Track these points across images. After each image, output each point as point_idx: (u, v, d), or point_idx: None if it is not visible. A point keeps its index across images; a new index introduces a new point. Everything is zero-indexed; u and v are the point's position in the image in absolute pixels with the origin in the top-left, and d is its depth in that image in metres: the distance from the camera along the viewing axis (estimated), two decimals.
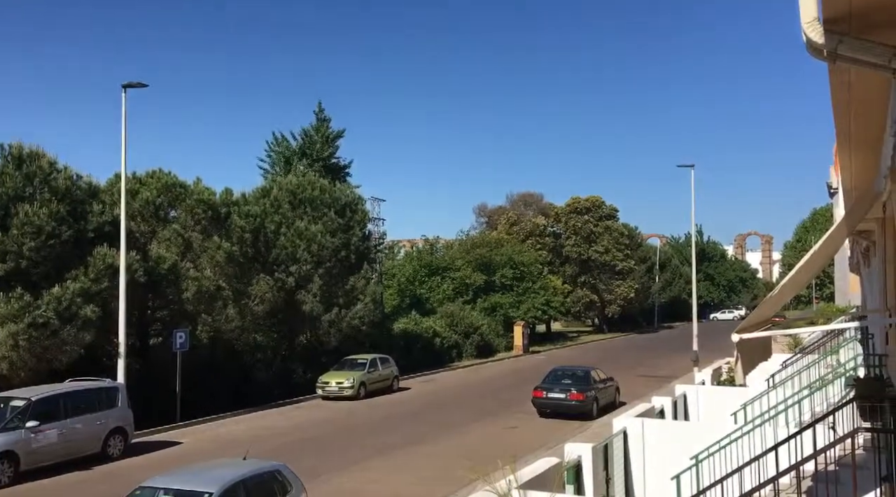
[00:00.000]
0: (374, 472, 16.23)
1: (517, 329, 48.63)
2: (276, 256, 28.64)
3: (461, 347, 43.33)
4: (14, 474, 15.30)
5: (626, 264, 65.84)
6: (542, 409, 23.32)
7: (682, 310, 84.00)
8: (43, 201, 19.20)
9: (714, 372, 21.93)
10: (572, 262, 65.25)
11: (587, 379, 23.72)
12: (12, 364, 17.95)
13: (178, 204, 25.83)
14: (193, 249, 25.08)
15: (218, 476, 9.87)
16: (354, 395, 27.32)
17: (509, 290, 51.72)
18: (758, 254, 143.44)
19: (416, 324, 41.11)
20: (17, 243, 18.36)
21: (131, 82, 20.91)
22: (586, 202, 67.06)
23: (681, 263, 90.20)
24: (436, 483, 15.07)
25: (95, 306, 19.52)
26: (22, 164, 19.66)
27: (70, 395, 17.18)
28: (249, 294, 26.67)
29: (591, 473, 10.59)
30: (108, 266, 20.11)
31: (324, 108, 43.79)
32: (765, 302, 10.21)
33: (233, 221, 27.09)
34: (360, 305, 31.09)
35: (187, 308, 24.02)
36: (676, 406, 16.14)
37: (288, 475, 10.85)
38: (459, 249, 55.28)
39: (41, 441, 15.92)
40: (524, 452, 16.86)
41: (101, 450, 17.41)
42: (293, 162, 41.85)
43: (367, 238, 34.46)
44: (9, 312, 17.84)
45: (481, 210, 74.69)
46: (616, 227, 67.44)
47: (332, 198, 31.49)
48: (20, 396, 16.31)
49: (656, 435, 12.22)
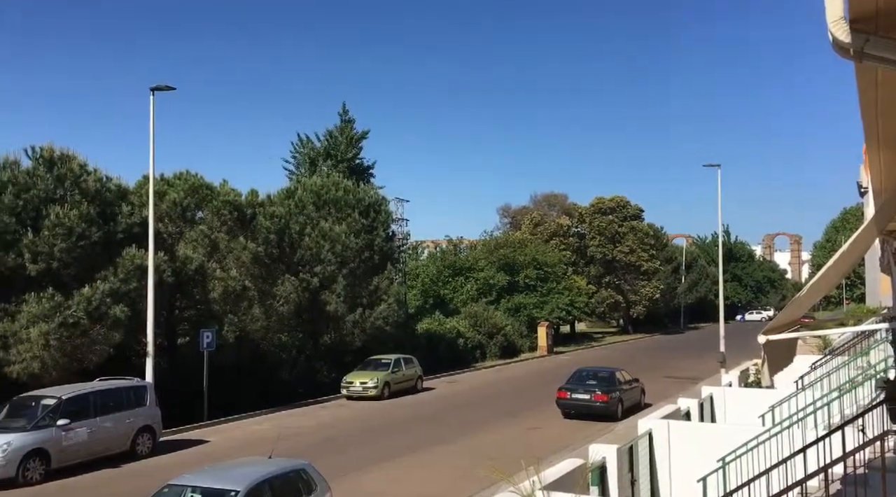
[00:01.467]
0: (397, 471, 16.28)
1: (541, 330, 48.45)
2: (301, 257, 28.84)
3: (485, 348, 43.28)
4: (45, 472, 15.56)
5: (651, 265, 65.31)
6: (567, 410, 23.21)
7: (709, 311, 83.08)
8: (73, 203, 19.51)
9: (741, 373, 21.68)
10: (597, 262, 64.86)
11: (612, 380, 23.57)
12: (44, 363, 18.26)
13: (204, 205, 26.11)
14: (220, 250, 25.34)
15: (244, 474, 9.97)
16: (378, 395, 27.42)
17: (533, 291, 51.55)
18: (786, 254, 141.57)
19: (439, 324, 41.14)
20: (49, 244, 18.68)
21: (159, 85, 21.17)
22: (611, 202, 66.61)
23: (707, 264, 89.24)
24: (459, 483, 15.08)
25: (124, 306, 19.80)
26: (53, 167, 20.00)
27: (100, 393, 17.43)
28: (274, 294, 26.88)
29: (615, 475, 10.52)
30: (137, 266, 20.40)
31: (348, 110, 44.08)
32: (793, 302, 10.07)
33: (258, 222, 27.33)
34: (384, 306, 31.19)
35: (214, 308, 24.28)
36: (703, 408, 15.98)
37: (313, 474, 10.93)
38: (483, 250, 55.22)
39: (71, 439, 16.19)
40: (548, 453, 16.81)
41: (129, 448, 17.65)
42: (318, 163, 42.12)
43: (391, 239, 34.59)
44: (40, 312, 18.16)
45: (505, 210, 74.62)
46: (641, 227, 66.91)
47: (355, 199, 31.63)
48: (51, 395, 16.58)
49: (682, 437, 12.11)
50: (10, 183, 18.97)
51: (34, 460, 15.41)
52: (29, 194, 19.01)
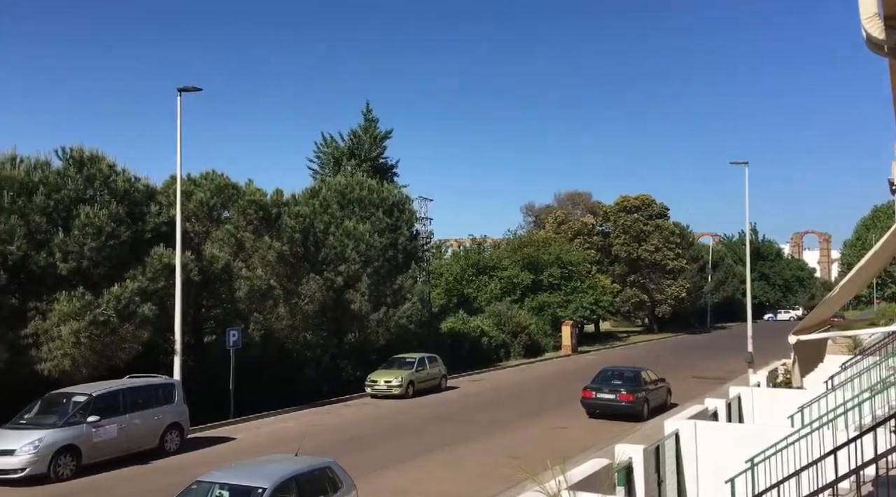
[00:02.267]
0: (421, 470, 16.31)
1: (565, 329, 48.26)
2: (325, 256, 29.01)
3: (509, 347, 43.21)
4: (76, 467, 15.80)
5: (676, 263, 64.75)
6: (591, 410, 23.09)
7: (736, 310, 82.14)
8: (103, 203, 19.78)
9: (770, 373, 21.40)
10: (621, 261, 64.45)
11: (637, 379, 23.40)
12: (74, 361, 18.55)
13: (230, 205, 26.35)
14: (245, 249, 25.57)
15: (271, 471, 10.06)
16: (403, 393, 27.50)
17: (557, 290, 51.35)
18: (815, 252, 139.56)
19: (463, 323, 41.15)
20: (79, 244, 18.96)
21: (186, 86, 21.42)
22: (636, 200, 66.15)
23: (734, 262, 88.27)
24: (484, 482, 15.08)
25: (153, 305, 20.05)
26: (83, 167, 20.29)
27: (129, 391, 17.67)
28: (299, 293, 27.06)
29: (642, 475, 10.45)
30: (165, 266, 20.64)
31: (371, 109, 44.18)
32: (823, 302, 9.93)
33: (283, 221, 27.53)
34: (408, 304, 31.27)
35: (240, 307, 24.50)
36: (730, 408, 15.80)
37: (338, 471, 10.99)
38: (507, 249, 55.13)
39: (102, 435, 16.42)
40: (573, 453, 16.73)
41: (158, 445, 17.87)
42: (342, 162, 42.29)
43: (415, 237, 34.65)
44: (71, 310, 18.44)
45: (529, 209, 74.39)
46: (666, 225, 66.36)
47: (379, 197, 31.74)
48: (82, 392, 16.84)
49: (710, 437, 11.98)
50: (41, 183, 19.28)
51: (65, 456, 15.64)
52: (60, 194, 19.31)
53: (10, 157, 19.71)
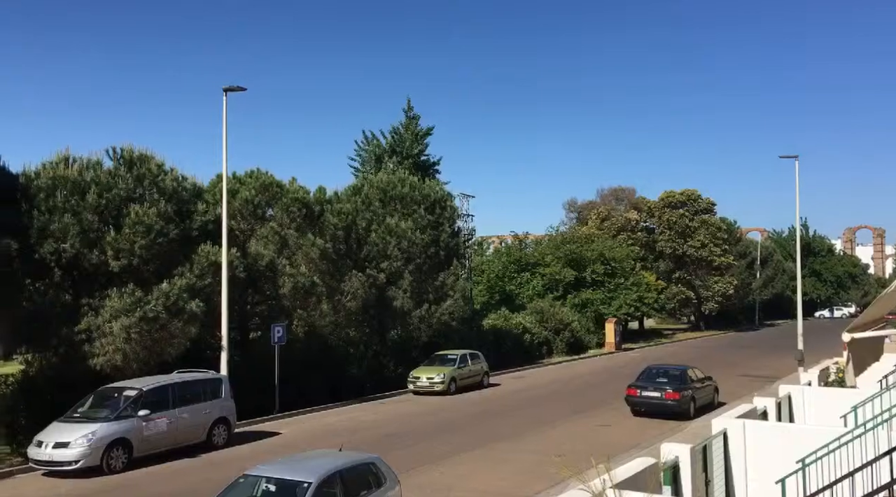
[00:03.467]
0: (464, 466, 16.30)
1: (609, 326, 47.78)
2: (368, 253, 29.19)
3: (551, 344, 42.95)
4: (128, 460, 16.18)
5: (724, 260, 63.51)
6: (636, 408, 22.80)
7: (786, 307, 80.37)
8: (152, 202, 20.19)
9: (821, 372, 20.83)
10: (666, 257, 63.51)
11: (683, 378, 23.01)
12: (125, 356, 18.99)
13: (274, 203, 26.70)
14: (289, 246, 25.87)
15: (316, 466, 10.16)
16: (445, 390, 27.55)
17: (600, 287, 50.86)
18: (869, 248, 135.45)
19: (505, 320, 41.03)
20: (129, 241, 19.39)
21: (231, 86, 21.75)
22: (681, 196, 65.10)
23: (784, 259, 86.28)
24: (527, 479, 15.00)
25: (200, 301, 20.40)
26: (133, 167, 20.75)
27: (178, 385, 18.02)
28: (342, 290, 27.30)
29: (689, 475, 10.26)
30: (211, 263, 21.00)
31: (413, 106, 44.27)
32: (879, 299, 9.62)
33: (326, 219, 27.79)
34: (450, 301, 31.28)
35: (284, 303, 24.81)
36: (780, 407, 15.41)
37: (382, 467, 11.04)
38: (549, 245, 54.77)
39: (152, 429, 16.80)
40: (618, 451, 16.56)
41: (206, 439, 18.20)
42: (383, 160, 42.47)
43: (457, 234, 34.59)
44: (122, 307, 18.89)
45: (571, 205, 73.75)
46: (713, 221, 65.16)
47: (421, 195, 31.79)
48: (133, 386, 17.24)
49: (759, 437, 11.71)
50: (93, 183, 19.75)
51: (117, 449, 16.03)
52: (111, 194, 19.76)
53: (64, 158, 20.25)
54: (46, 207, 19.03)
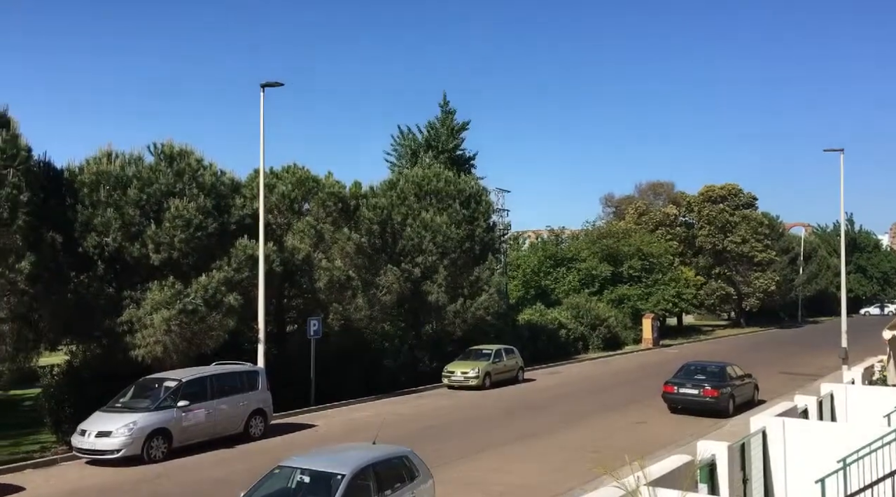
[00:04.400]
0: (498, 461, 16.27)
1: (646, 322, 47.24)
2: (403, 247, 29.29)
3: (587, 340, 42.64)
4: (167, 450, 16.51)
5: (765, 255, 62.34)
6: (673, 405, 22.51)
7: (830, 304, 78.63)
8: (191, 196, 20.50)
9: (865, 370, 20.32)
10: (706, 253, 62.56)
11: (722, 375, 22.65)
12: (166, 348, 19.36)
13: (311, 197, 26.91)
14: (325, 241, 26.08)
15: (350, 458, 10.22)
16: (479, 384, 27.54)
17: (637, 282, 50.32)
18: None
19: (541, 315, 40.84)
20: (169, 235, 19.74)
21: (269, 82, 21.98)
22: (721, 190, 64.06)
23: (828, 254, 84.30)
24: (560, 475, 14.92)
25: (238, 294, 20.69)
26: (173, 162, 21.08)
27: (216, 377, 18.32)
28: (377, 284, 27.43)
29: (726, 473, 10.08)
30: (249, 256, 21.27)
31: (448, 100, 44.25)
32: None
33: (361, 213, 27.94)
34: (485, 296, 31.23)
35: (320, 297, 25.02)
36: (822, 406, 15.07)
37: (415, 461, 11.07)
38: (585, 240, 54.36)
39: (191, 420, 17.11)
40: (653, 448, 16.38)
41: (243, 430, 18.47)
42: (419, 154, 42.55)
43: (492, 229, 34.51)
44: (163, 299, 19.25)
45: (608, 200, 73.02)
46: (754, 216, 63.98)
47: (456, 189, 31.77)
48: (172, 377, 17.57)
49: (799, 436, 11.45)
50: (135, 178, 20.14)
51: (157, 439, 16.37)
52: (152, 188, 20.12)
53: (107, 153, 20.67)
54: (90, 202, 19.47)
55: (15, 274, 16.49)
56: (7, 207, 16.40)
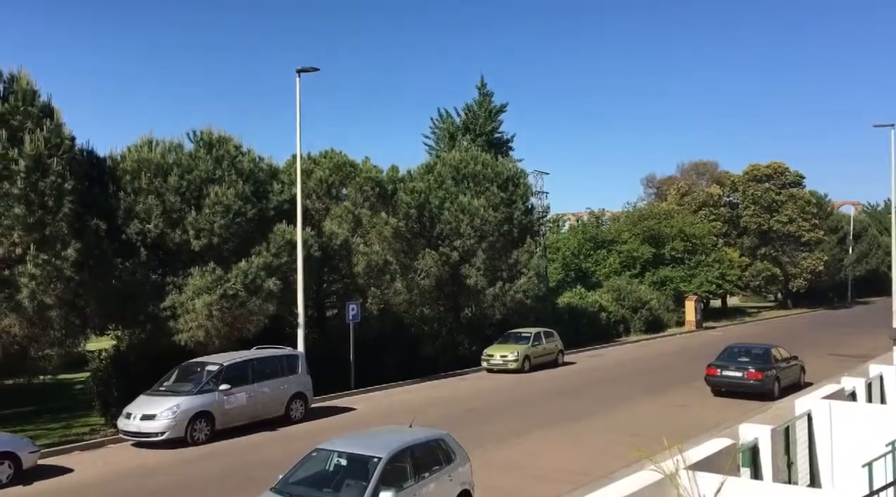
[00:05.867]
0: (536, 444, 16.20)
1: (689, 304, 46.53)
2: (441, 231, 29.23)
3: (628, 322, 42.18)
4: (210, 433, 16.83)
5: (813, 235, 60.72)
6: (717, 388, 22.14)
7: (881, 284, 76.22)
8: (230, 182, 20.74)
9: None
10: (751, 233, 61.20)
11: (767, 357, 22.17)
12: (207, 332, 19.69)
13: (348, 182, 27.04)
14: (363, 225, 26.19)
15: (387, 441, 10.26)
16: (518, 368, 27.44)
17: (680, 264, 49.54)
18: None
19: (581, 298, 40.50)
20: (209, 221, 20.01)
21: (305, 67, 22.01)
22: (767, 169, 62.48)
23: (879, 233, 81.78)
24: (599, 458, 14.78)
25: (277, 279, 20.90)
26: (212, 149, 21.34)
27: (257, 361, 18.60)
28: (415, 268, 27.47)
29: (769, 456, 9.85)
30: (287, 242, 21.46)
31: (486, 83, 43.94)
32: None
33: (399, 198, 27.95)
34: (524, 279, 31.05)
35: (358, 281, 25.16)
36: (871, 388, 14.61)
37: (451, 444, 11.06)
38: (626, 222, 53.68)
39: (232, 403, 17.39)
40: (695, 432, 16.13)
41: (284, 413, 18.72)
42: (457, 137, 42.41)
43: (530, 212, 34.22)
44: (204, 285, 19.56)
45: (650, 181, 71.94)
46: (802, 194, 62.31)
47: (494, 172, 31.56)
48: (214, 362, 17.88)
49: (846, 419, 11.12)
50: (175, 165, 20.44)
51: (200, 422, 16.69)
52: (192, 175, 20.40)
53: (148, 141, 21.01)
54: (132, 189, 19.81)
55: (61, 261, 16.86)
56: (53, 196, 16.77)
